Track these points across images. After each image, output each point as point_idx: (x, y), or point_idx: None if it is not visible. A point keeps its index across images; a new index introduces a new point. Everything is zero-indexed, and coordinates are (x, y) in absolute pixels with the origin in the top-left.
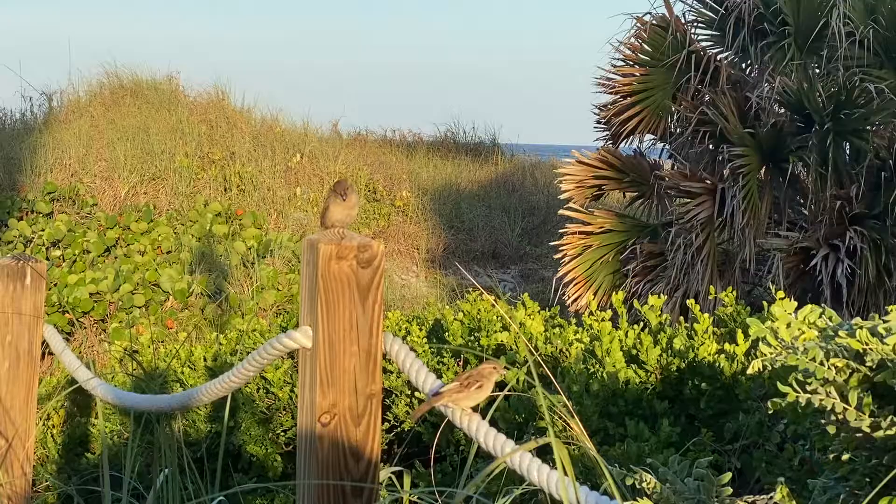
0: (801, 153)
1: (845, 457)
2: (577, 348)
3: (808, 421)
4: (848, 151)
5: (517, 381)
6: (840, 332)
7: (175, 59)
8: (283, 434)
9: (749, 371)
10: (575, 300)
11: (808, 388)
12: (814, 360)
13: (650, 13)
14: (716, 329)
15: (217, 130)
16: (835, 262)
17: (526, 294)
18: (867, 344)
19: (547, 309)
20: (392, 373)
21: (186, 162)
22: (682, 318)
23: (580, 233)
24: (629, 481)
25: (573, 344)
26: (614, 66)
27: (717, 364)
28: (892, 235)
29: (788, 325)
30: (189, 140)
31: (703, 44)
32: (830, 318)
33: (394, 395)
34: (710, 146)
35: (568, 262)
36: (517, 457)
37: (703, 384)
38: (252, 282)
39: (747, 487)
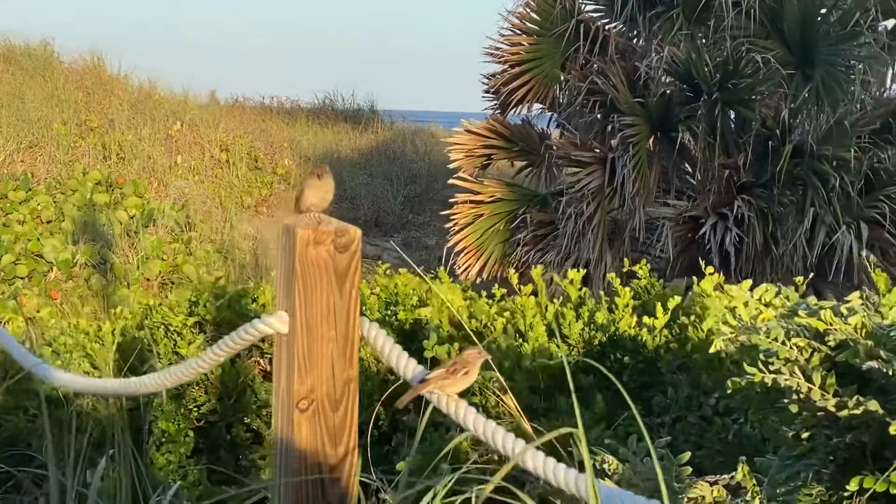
0: (689, 123)
1: (805, 435)
2: (501, 323)
3: (739, 396)
4: (735, 121)
5: (448, 356)
6: (800, 312)
7: (50, 25)
8: (195, 409)
9: (711, 350)
10: (466, 269)
11: (772, 367)
12: (776, 339)
13: None
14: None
15: (94, 97)
16: (723, 231)
17: (441, 268)
18: (831, 324)
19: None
20: None
21: (64, 129)
22: (585, 289)
23: (471, 202)
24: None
25: (497, 319)
26: (503, 36)
27: (639, 338)
28: (778, 204)
29: (746, 305)
30: (66, 107)
31: (592, 14)
32: (787, 298)
33: None
34: (600, 116)
35: (458, 232)
36: (491, 433)
37: (626, 358)
38: (136, 251)
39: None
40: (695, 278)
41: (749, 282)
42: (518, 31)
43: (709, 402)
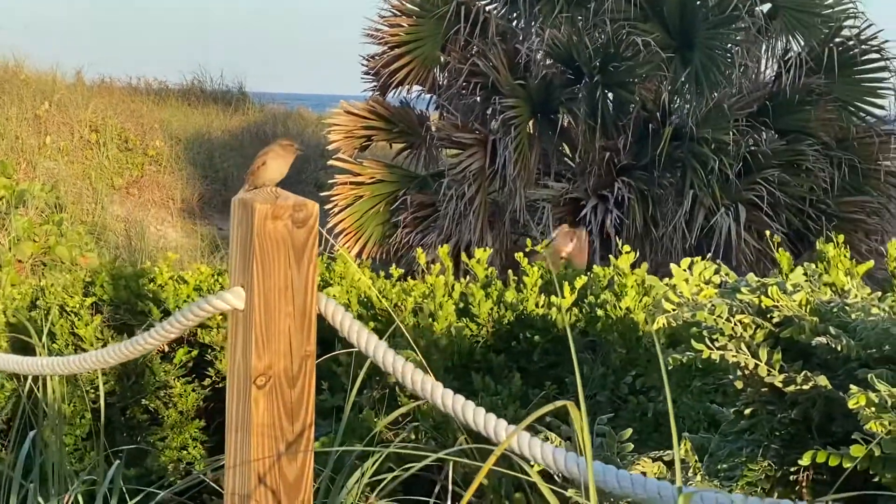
0: (570, 105)
1: (748, 411)
2: (411, 302)
3: (656, 374)
4: (615, 104)
5: None
6: (742, 289)
7: None
8: (92, 391)
9: (654, 327)
10: (346, 250)
11: (717, 344)
12: (720, 316)
13: None
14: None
15: None
16: (604, 213)
17: (344, 248)
18: (778, 301)
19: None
20: (213, 328)
21: None
22: (492, 268)
23: (350, 183)
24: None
25: (407, 298)
26: (382, 17)
27: (548, 316)
28: (658, 186)
29: (686, 281)
30: None
31: None
32: (727, 275)
33: (216, 351)
34: (481, 98)
35: (338, 213)
36: (452, 403)
37: (536, 336)
38: (7, 233)
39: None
40: (611, 257)
41: (687, 259)
42: (398, 13)
43: (625, 380)
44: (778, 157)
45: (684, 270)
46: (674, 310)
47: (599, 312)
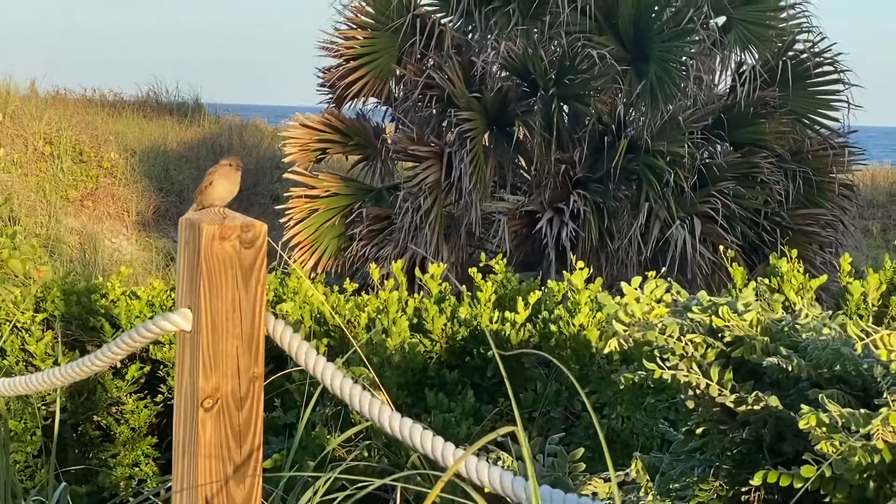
0: (525, 118)
1: (699, 430)
2: (364, 318)
3: (610, 392)
4: (571, 116)
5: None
6: (694, 308)
7: None
8: (43, 407)
9: (606, 349)
10: (301, 264)
11: (668, 363)
12: (671, 336)
13: None
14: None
15: None
16: (559, 225)
17: (297, 263)
18: (729, 321)
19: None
20: (165, 344)
21: None
22: (446, 283)
23: (306, 196)
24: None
25: (360, 314)
26: (338, 30)
27: (502, 332)
28: (614, 199)
29: (638, 301)
30: None
31: (428, 8)
32: (679, 293)
33: (168, 367)
34: (437, 110)
35: (293, 226)
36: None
37: (489, 353)
38: None
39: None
40: (565, 273)
41: (638, 278)
42: (354, 25)
43: (578, 397)
44: (733, 170)
45: (635, 289)
46: (625, 330)
47: (553, 328)
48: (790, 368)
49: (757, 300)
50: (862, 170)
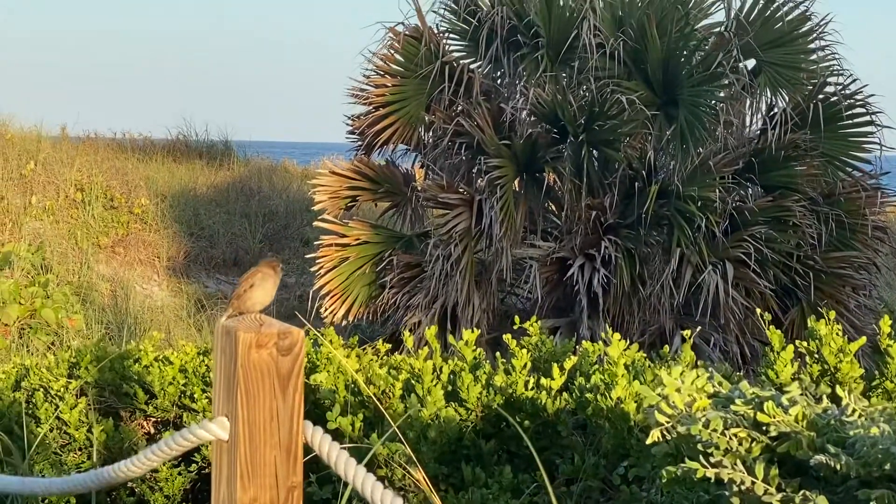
0: (555, 163)
1: None
2: (399, 389)
3: (649, 464)
4: (601, 162)
5: (352, 427)
6: (737, 401)
7: None
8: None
9: (648, 441)
10: (332, 313)
11: (712, 459)
12: (715, 430)
13: (403, 23)
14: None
15: None
16: (591, 272)
17: (331, 329)
18: (774, 416)
19: (306, 319)
20: (199, 412)
21: None
22: (480, 349)
23: (336, 244)
24: None
25: (395, 383)
26: (367, 77)
27: (538, 400)
28: (645, 244)
29: (678, 391)
30: None
31: (457, 54)
32: (720, 384)
33: None
34: (466, 157)
35: (324, 275)
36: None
37: (526, 421)
38: None
39: None
40: (601, 345)
41: (680, 367)
42: (382, 73)
43: (618, 470)
44: (764, 214)
45: (676, 379)
46: (668, 421)
47: (589, 396)
48: (838, 467)
49: (802, 395)
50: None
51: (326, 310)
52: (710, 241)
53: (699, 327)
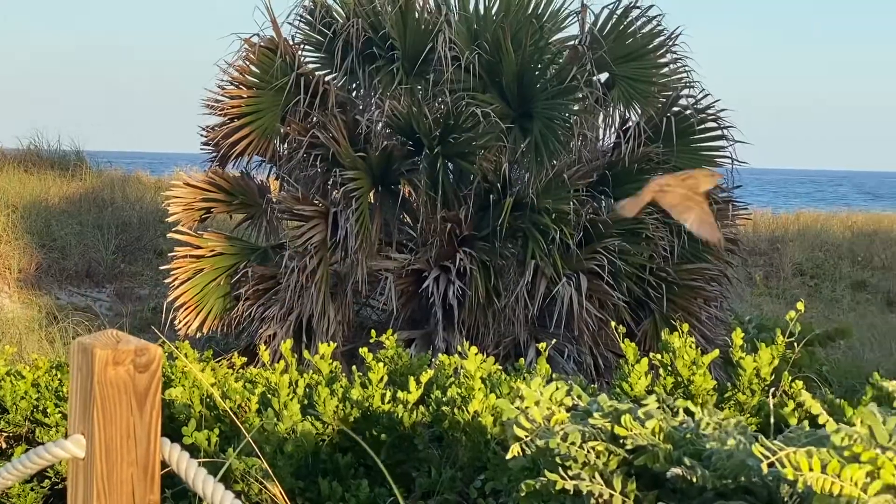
0: (411, 176)
1: None
2: (255, 403)
3: (506, 478)
4: (456, 174)
5: (208, 442)
6: (595, 414)
7: None
8: None
9: (508, 456)
10: (186, 324)
11: (570, 472)
12: (573, 443)
13: (258, 35)
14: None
15: None
16: (446, 284)
17: (186, 343)
18: (632, 430)
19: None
20: (52, 427)
21: None
22: (336, 362)
23: (190, 256)
24: None
25: (251, 398)
26: (223, 89)
27: (394, 414)
28: (500, 257)
29: (537, 404)
30: None
31: (313, 66)
32: (579, 396)
33: None
34: (322, 169)
35: (179, 287)
36: None
37: (383, 435)
38: None
39: None
40: (457, 357)
41: (539, 380)
42: (238, 84)
43: (475, 484)
44: (618, 226)
45: (535, 392)
46: (527, 435)
47: (446, 409)
48: (695, 479)
49: (658, 408)
50: (745, 224)
51: (181, 322)
52: (564, 254)
53: (553, 339)
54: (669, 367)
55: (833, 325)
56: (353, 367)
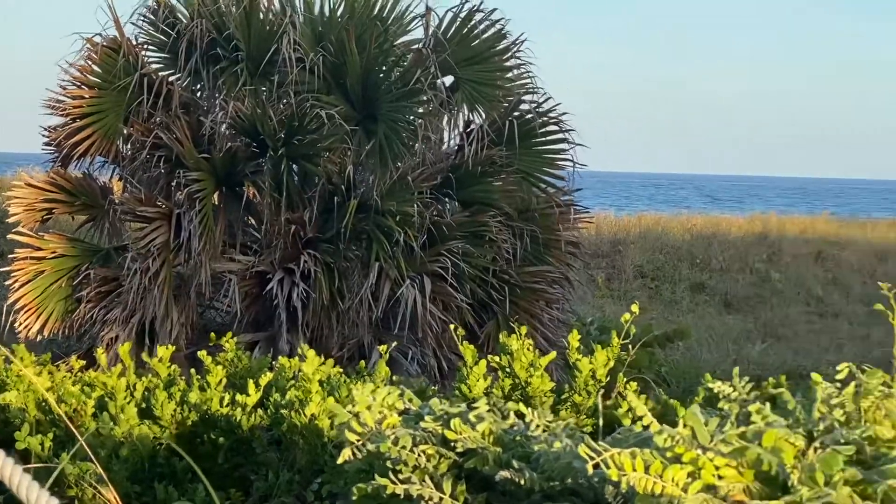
0: (255, 177)
1: None
2: (91, 406)
3: (342, 481)
4: (301, 176)
5: (41, 447)
6: (427, 417)
7: None
8: None
9: (340, 460)
10: (26, 328)
11: (401, 476)
12: (404, 447)
13: (101, 34)
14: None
15: None
16: (290, 286)
17: (22, 346)
18: (461, 433)
19: None
20: None
21: None
22: (175, 366)
23: (31, 258)
24: None
25: (87, 401)
26: (64, 89)
27: (233, 417)
28: (344, 259)
29: (369, 408)
30: None
31: (156, 66)
32: (411, 400)
33: None
34: (165, 170)
35: (19, 289)
36: None
37: (221, 438)
38: None
39: None
40: (298, 360)
41: (370, 385)
42: (80, 84)
43: (312, 486)
44: (461, 229)
45: (367, 396)
46: (358, 439)
47: (284, 413)
48: (523, 482)
49: (489, 411)
50: (588, 227)
51: (21, 325)
52: (408, 256)
53: (397, 341)
54: (508, 370)
55: (672, 326)
56: (193, 370)
